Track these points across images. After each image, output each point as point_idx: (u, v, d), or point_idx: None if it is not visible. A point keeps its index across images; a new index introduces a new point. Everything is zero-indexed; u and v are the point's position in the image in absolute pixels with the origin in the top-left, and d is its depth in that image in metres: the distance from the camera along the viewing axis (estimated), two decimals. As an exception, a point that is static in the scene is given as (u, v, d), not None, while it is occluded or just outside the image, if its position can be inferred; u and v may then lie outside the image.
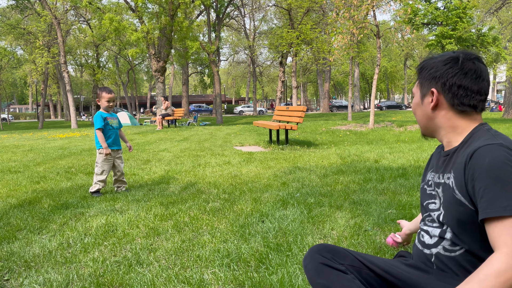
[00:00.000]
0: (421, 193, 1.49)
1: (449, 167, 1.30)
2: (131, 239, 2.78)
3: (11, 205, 3.87)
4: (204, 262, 2.34)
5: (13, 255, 2.53)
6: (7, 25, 33.67)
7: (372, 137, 10.04)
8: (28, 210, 3.63)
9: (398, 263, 1.38)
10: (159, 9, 22.04)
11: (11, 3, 30.14)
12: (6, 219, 3.35)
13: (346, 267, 1.32)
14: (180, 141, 10.21)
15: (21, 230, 3.07)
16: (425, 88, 1.37)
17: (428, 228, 1.37)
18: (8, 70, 47.18)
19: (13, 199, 4.11)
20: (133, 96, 54.90)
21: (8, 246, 2.69)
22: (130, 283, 2.10)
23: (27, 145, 10.45)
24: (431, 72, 1.35)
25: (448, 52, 1.36)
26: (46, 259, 2.46)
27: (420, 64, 1.41)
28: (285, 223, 2.98)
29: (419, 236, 1.42)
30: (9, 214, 3.51)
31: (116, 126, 4.43)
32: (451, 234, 1.27)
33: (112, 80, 43.70)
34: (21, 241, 2.79)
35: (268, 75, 56.35)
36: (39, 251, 2.59)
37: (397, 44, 48.76)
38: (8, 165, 6.62)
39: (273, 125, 8.07)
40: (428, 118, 1.37)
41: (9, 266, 2.38)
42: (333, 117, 26.17)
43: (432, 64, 1.36)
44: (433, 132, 1.40)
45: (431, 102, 1.34)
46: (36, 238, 2.87)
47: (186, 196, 4.02)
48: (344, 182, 4.42)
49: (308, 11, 26.84)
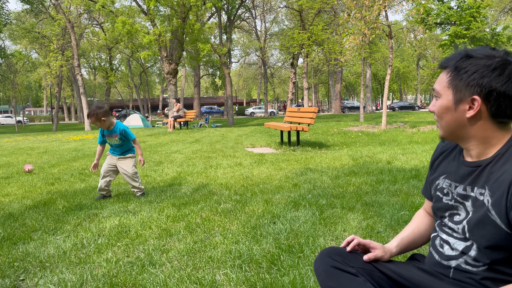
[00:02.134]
0: (433, 199, 1.39)
1: (481, 182, 1.20)
2: (144, 240, 2.80)
3: (27, 206, 3.93)
4: (216, 263, 2.35)
5: (28, 255, 2.58)
6: (22, 29, 34.31)
7: (385, 138, 9.96)
8: (43, 211, 3.69)
9: (410, 266, 1.36)
10: (171, 12, 22.21)
11: (26, 8, 30.65)
12: (21, 220, 3.40)
13: (357, 269, 1.30)
14: (192, 142, 10.26)
15: (36, 231, 3.12)
16: (462, 93, 1.18)
17: (449, 239, 1.27)
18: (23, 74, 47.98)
19: (28, 200, 4.18)
20: (146, 98, 55.33)
21: (24, 247, 2.74)
22: (143, 283, 2.12)
23: (42, 147, 10.60)
24: (474, 77, 1.15)
25: (487, 49, 1.18)
26: (60, 260, 2.49)
27: (454, 61, 1.21)
28: (296, 224, 2.97)
29: (436, 244, 1.33)
30: (25, 215, 3.56)
31: (115, 144, 4.31)
32: (476, 252, 1.18)
33: (125, 82, 44.10)
34: (36, 242, 2.84)
35: (279, 76, 56.35)
36: (54, 252, 2.62)
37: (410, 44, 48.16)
38: (24, 167, 6.72)
39: (284, 126, 8.06)
40: (460, 126, 1.22)
41: (25, 266, 2.42)
42: (345, 118, 26.05)
43: (474, 66, 1.16)
44: (460, 140, 1.26)
45: (469, 110, 1.18)
46: (51, 238, 2.91)
47: (198, 197, 4.04)
48: (356, 183, 4.39)
49: (319, 12, 26.78)
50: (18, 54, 35.04)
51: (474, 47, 1.20)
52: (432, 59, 51.96)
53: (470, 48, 1.20)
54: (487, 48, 1.18)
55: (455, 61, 1.21)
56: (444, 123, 1.26)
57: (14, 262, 2.47)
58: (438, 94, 1.25)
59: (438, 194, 1.35)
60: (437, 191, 1.36)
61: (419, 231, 1.50)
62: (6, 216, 3.56)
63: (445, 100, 1.23)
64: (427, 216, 1.53)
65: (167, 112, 29.22)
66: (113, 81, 37.04)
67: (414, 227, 1.51)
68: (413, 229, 1.50)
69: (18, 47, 39.76)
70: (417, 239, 1.49)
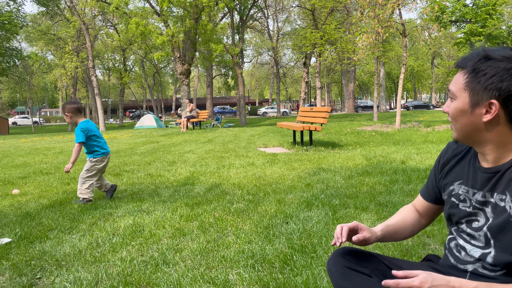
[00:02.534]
0: (448, 204, 1.35)
1: (500, 187, 1.17)
2: (158, 239, 2.82)
3: (43, 205, 4.00)
4: (229, 262, 2.36)
5: (45, 254, 2.62)
6: (38, 31, 34.88)
7: (399, 138, 9.86)
8: (59, 211, 3.74)
9: (425, 267, 1.35)
10: (184, 13, 22.33)
11: (41, 10, 31.17)
12: (38, 219, 3.46)
13: (371, 270, 1.30)
14: (204, 142, 10.31)
15: (52, 230, 3.17)
16: (479, 96, 1.14)
17: (466, 245, 1.26)
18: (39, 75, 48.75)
19: (44, 200, 4.25)
20: (159, 99, 55.77)
21: (40, 246, 2.79)
22: (157, 282, 2.14)
23: (57, 147, 10.77)
24: (493, 80, 1.10)
25: (508, 50, 1.13)
26: (76, 258, 2.53)
27: (472, 62, 1.16)
28: (309, 224, 2.96)
29: (452, 248, 1.31)
30: (41, 215, 3.63)
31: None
32: (493, 258, 1.17)
33: (139, 83, 44.55)
34: (52, 241, 2.88)
35: (292, 76, 56.20)
36: (70, 250, 2.66)
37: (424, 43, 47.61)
38: (40, 167, 6.84)
39: (297, 126, 8.04)
40: (476, 129, 1.18)
41: (41, 264, 2.46)
42: (358, 118, 25.86)
43: (493, 69, 1.11)
44: (475, 144, 1.22)
45: (486, 114, 1.14)
46: (67, 237, 2.95)
47: (211, 197, 4.06)
48: (370, 183, 4.36)
49: (332, 11, 26.64)
50: (34, 55, 35.65)
51: (493, 47, 1.15)
52: (447, 58, 51.26)
53: (488, 48, 1.15)
54: (507, 49, 1.13)
55: (473, 62, 1.15)
56: (459, 126, 1.21)
57: (31, 261, 2.51)
58: (453, 96, 1.20)
59: (453, 200, 1.32)
60: (452, 196, 1.33)
61: (404, 224, 1.48)
62: (23, 215, 3.63)
63: (461, 103, 1.18)
64: (415, 212, 1.51)
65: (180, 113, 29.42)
66: (127, 82, 37.41)
67: (399, 218, 1.49)
68: (398, 220, 1.48)
69: (34, 49, 40.41)
70: (401, 231, 1.47)
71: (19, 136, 21.29)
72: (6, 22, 26.09)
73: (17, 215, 3.62)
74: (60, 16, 33.38)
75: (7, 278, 2.28)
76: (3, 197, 4.52)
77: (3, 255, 2.62)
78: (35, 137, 17.43)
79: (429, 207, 1.46)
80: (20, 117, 57.52)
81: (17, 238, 2.96)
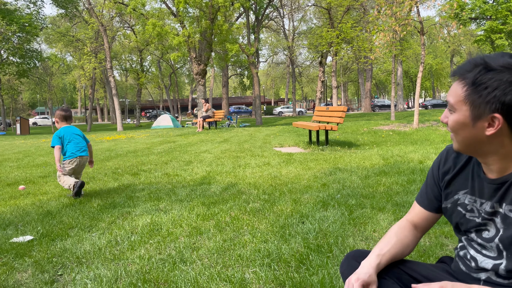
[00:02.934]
0: (453, 213, 1.31)
1: (509, 198, 1.15)
2: (175, 237, 2.86)
3: (63, 204, 4.09)
4: (245, 261, 2.38)
5: (66, 251, 2.68)
6: (57, 33, 35.60)
7: (417, 137, 9.74)
8: (79, 209, 3.82)
9: (440, 270, 1.34)
10: (200, 13, 22.48)
11: (61, 12, 31.80)
12: (59, 218, 3.55)
13: (385, 272, 1.29)
14: (220, 142, 10.37)
15: (73, 228, 3.24)
16: (481, 110, 1.09)
17: (477, 256, 1.24)
18: (59, 76, 49.77)
19: (65, 199, 4.34)
20: (175, 99, 56.25)
21: (61, 243, 2.85)
22: (174, 280, 2.17)
23: (77, 147, 10.96)
24: (495, 94, 1.06)
25: (507, 58, 1.08)
26: (96, 256, 2.59)
27: (472, 74, 1.10)
28: (325, 224, 2.96)
29: (462, 257, 1.29)
30: (62, 213, 3.71)
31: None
32: (506, 268, 1.16)
33: (155, 83, 45.06)
34: (73, 238, 2.95)
35: (308, 75, 56.00)
36: (90, 248, 2.72)
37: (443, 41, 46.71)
38: (60, 166, 6.98)
39: (312, 125, 8.02)
40: (478, 142, 1.14)
41: (63, 261, 2.52)
42: (375, 117, 25.61)
43: (495, 82, 1.06)
44: (478, 155, 1.20)
45: (489, 128, 1.10)
46: (87, 235, 3.02)
47: (227, 196, 4.08)
48: (387, 183, 4.33)
49: (349, 10, 26.44)
50: (53, 57, 36.40)
51: (492, 54, 1.11)
52: (467, 55, 50.35)
53: (487, 56, 1.10)
54: (507, 56, 1.07)
55: (473, 74, 1.10)
56: (460, 139, 1.18)
57: (52, 258, 2.58)
58: (452, 108, 1.15)
59: (460, 210, 1.29)
60: (457, 206, 1.30)
61: (402, 249, 1.36)
62: (45, 213, 3.72)
63: (461, 116, 1.14)
64: (411, 229, 1.41)
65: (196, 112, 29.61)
66: (144, 82, 37.89)
67: (399, 246, 1.35)
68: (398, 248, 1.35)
69: (54, 51, 41.24)
70: (399, 257, 1.36)
71: (39, 136, 21.76)
72: (27, 24, 26.70)
73: (39, 213, 3.72)
74: (79, 18, 34.01)
75: (29, 274, 2.35)
76: (25, 196, 4.64)
77: (26, 252, 2.70)
78: (55, 137, 17.75)
79: (429, 216, 1.40)
80: (40, 117, 58.73)
81: (39, 236, 3.03)
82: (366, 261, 1.29)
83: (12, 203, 4.26)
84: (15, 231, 3.19)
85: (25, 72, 29.90)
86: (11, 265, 2.48)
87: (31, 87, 46.47)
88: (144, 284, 2.14)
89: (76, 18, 33.82)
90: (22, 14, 28.24)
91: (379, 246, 1.34)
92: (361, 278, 1.23)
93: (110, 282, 2.19)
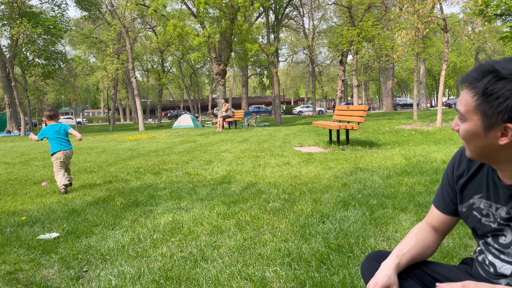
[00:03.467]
0: (469, 217, 1.29)
1: None
2: (196, 236, 2.90)
3: (88, 202, 4.18)
4: (265, 260, 2.39)
5: (90, 248, 2.75)
6: (81, 35, 36.37)
7: (440, 137, 9.56)
8: (103, 207, 3.91)
9: (462, 271, 1.32)
10: (220, 14, 22.61)
11: (84, 14, 32.49)
12: (83, 216, 3.63)
13: (406, 273, 1.28)
14: (240, 142, 10.40)
15: (97, 225, 3.32)
16: (493, 120, 1.06)
17: (495, 261, 1.22)
18: (82, 77, 50.85)
19: (89, 197, 4.44)
20: (196, 99, 56.70)
21: (86, 240, 2.92)
22: (196, 277, 2.20)
23: (100, 146, 11.19)
24: (507, 104, 1.02)
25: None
26: (119, 253, 2.64)
27: (482, 83, 1.06)
28: (346, 224, 2.95)
29: (480, 262, 1.27)
30: (86, 211, 3.80)
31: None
32: None
33: (176, 84, 45.47)
34: (97, 236, 3.02)
35: (328, 74, 55.58)
36: (113, 245, 2.78)
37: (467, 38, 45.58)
38: (84, 166, 7.15)
39: (333, 125, 7.97)
40: (492, 151, 1.12)
41: (87, 258, 2.58)
42: (397, 116, 25.23)
43: (507, 91, 1.03)
44: (492, 162, 1.17)
45: (502, 137, 1.07)
46: (111, 233, 3.08)
47: (247, 195, 4.10)
48: (409, 183, 4.27)
49: (370, 8, 26.11)
50: (77, 58, 37.17)
51: (500, 59, 1.07)
52: (492, 53, 49.09)
53: (496, 62, 1.06)
54: None
55: (483, 83, 1.06)
56: (473, 148, 1.15)
57: (78, 255, 2.65)
58: (462, 117, 1.12)
59: (475, 214, 1.27)
60: (473, 210, 1.28)
61: (423, 251, 1.34)
62: (70, 211, 3.81)
63: (472, 126, 1.11)
64: (431, 231, 1.40)
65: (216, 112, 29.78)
66: (165, 82, 38.31)
67: (418, 247, 1.34)
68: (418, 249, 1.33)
69: (78, 52, 42.14)
70: (419, 259, 1.34)
71: (64, 136, 22.23)
72: (52, 27, 27.39)
73: (64, 211, 3.81)
74: (102, 20, 34.68)
75: (56, 270, 2.42)
76: (51, 194, 4.77)
77: (52, 249, 2.77)
78: (79, 137, 18.15)
79: (448, 220, 1.38)
80: (65, 117, 60.07)
81: (65, 233, 3.12)
82: (385, 262, 1.28)
83: (38, 201, 4.39)
84: (42, 228, 3.29)
85: (50, 73, 30.69)
86: (38, 261, 2.55)
87: (56, 88, 47.61)
88: (166, 281, 2.18)
89: (99, 20, 34.49)
90: (47, 17, 29.00)
91: (399, 247, 1.34)
92: (380, 282, 1.22)
93: (133, 279, 2.23)
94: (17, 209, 4.01)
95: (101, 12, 33.33)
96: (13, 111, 29.03)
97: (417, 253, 1.33)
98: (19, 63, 28.64)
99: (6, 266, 2.49)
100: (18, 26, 24.76)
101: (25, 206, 4.16)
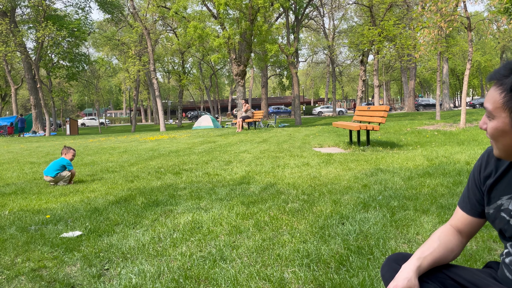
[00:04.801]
0: (496, 219, 1.26)
1: None
2: (215, 236, 2.91)
3: (110, 201, 4.26)
4: (284, 261, 2.38)
5: (112, 247, 2.80)
6: (103, 37, 37.10)
7: (464, 138, 9.35)
8: (124, 207, 3.97)
9: (486, 275, 1.28)
10: (240, 15, 22.69)
11: (107, 17, 33.12)
12: (105, 214, 3.70)
13: (427, 276, 1.26)
14: (259, 142, 10.41)
15: (118, 224, 3.37)
16: None
17: None
18: (105, 79, 51.80)
19: (111, 196, 4.52)
20: (215, 100, 57.04)
21: (108, 239, 2.98)
22: (215, 277, 2.21)
23: (122, 147, 11.38)
24: None
25: None
26: (140, 252, 2.68)
27: (510, 80, 1.07)
28: (366, 226, 2.91)
29: (508, 264, 1.24)
30: (108, 210, 3.87)
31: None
32: None
33: (196, 85, 45.87)
34: (118, 235, 3.07)
35: (348, 74, 55.12)
36: (134, 244, 2.82)
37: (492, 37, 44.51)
38: (106, 165, 7.28)
39: (353, 125, 7.89)
40: None
41: (109, 256, 2.63)
42: (419, 117, 24.80)
43: None
44: None
45: None
46: (131, 232, 3.13)
47: (266, 196, 4.10)
48: (431, 185, 4.19)
49: (391, 7, 25.76)
50: (100, 60, 37.88)
51: None
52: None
53: None
54: None
55: (511, 80, 1.06)
56: (501, 146, 1.14)
57: (99, 253, 2.70)
58: (490, 115, 1.13)
59: (503, 216, 1.24)
60: (501, 211, 1.25)
61: (446, 254, 1.31)
62: (92, 210, 3.89)
63: (501, 123, 1.11)
64: (455, 233, 1.37)
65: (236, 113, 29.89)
66: (186, 83, 38.66)
67: (441, 250, 1.31)
68: (441, 252, 1.30)
69: (101, 54, 42.98)
70: (443, 262, 1.31)
71: (87, 136, 22.74)
72: (76, 30, 28.03)
73: (87, 210, 3.89)
74: (124, 22, 35.28)
75: (78, 268, 2.47)
76: (74, 193, 4.87)
77: (75, 247, 2.83)
78: (102, 137, 18.53)
79: (474, 222, 1.35)
80: (88, 118, 61.38)
81: (87, 232, 3.18)
82: (406, 265, 1.26)
83: (62, 200, 4.49)
84: (65, 227, 3.36)
85: (74, 75, 31.40)
86: (61, 259, 2.61)
87: (80, 89, 48.64)
88: (186, 280, 2.20)
89: (121, 22, 35.09)
90: (71, 20, 29.67)
91: (421, 249, 1.31)
92: (400, 284, 1.20)
93: (153, 277, 2.26)
94: (42, 208, 4.11)
95: (123, 14, 33.94)
96: (39, 112, 29.80)
97: (440, 256, 1.30)
98: (44, 65, 29.40)
99: (30, 263, 2.56)
100: (44, 29, 25.41)
101: (49, 204, 4.27)
